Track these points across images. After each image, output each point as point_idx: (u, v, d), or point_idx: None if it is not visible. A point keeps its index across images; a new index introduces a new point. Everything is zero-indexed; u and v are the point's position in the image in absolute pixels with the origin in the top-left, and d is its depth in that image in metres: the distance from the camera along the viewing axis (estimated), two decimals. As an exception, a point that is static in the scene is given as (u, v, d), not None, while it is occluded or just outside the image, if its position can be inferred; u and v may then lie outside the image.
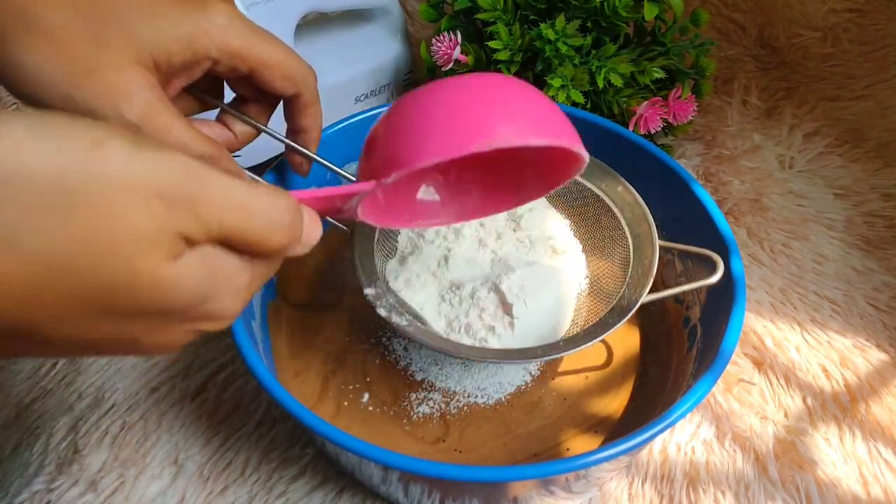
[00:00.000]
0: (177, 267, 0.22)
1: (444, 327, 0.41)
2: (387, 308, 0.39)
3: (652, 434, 0.33)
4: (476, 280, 0.42)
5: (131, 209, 0.20)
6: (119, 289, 0.21)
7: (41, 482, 0.43)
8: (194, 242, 0.22)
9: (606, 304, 0.41)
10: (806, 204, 0.61)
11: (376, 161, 0.30)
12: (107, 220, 0.20)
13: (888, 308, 0.54)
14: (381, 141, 0.30)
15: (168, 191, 0.21)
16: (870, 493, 0.44)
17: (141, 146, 0.21)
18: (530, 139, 0.29)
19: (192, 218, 0.22)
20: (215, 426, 0.46)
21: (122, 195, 0.20)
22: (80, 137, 0.20)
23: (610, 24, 0.55)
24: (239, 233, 0.23)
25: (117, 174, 0.20)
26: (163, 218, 0.21)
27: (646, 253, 0.41)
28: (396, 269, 0.43)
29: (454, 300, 0.42)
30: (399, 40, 0.65)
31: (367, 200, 0.30)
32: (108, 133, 0.21)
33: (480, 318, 0.41)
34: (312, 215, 0.27)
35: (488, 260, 0.43)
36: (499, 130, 0.28)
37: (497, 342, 0.40)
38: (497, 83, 0.31)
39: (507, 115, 0.29)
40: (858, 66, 0.72)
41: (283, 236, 0.24)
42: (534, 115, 0.30)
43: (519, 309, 0.41)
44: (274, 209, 0.24)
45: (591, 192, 0.44)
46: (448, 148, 0.28)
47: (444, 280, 0.43)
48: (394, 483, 0.38)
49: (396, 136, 0.30)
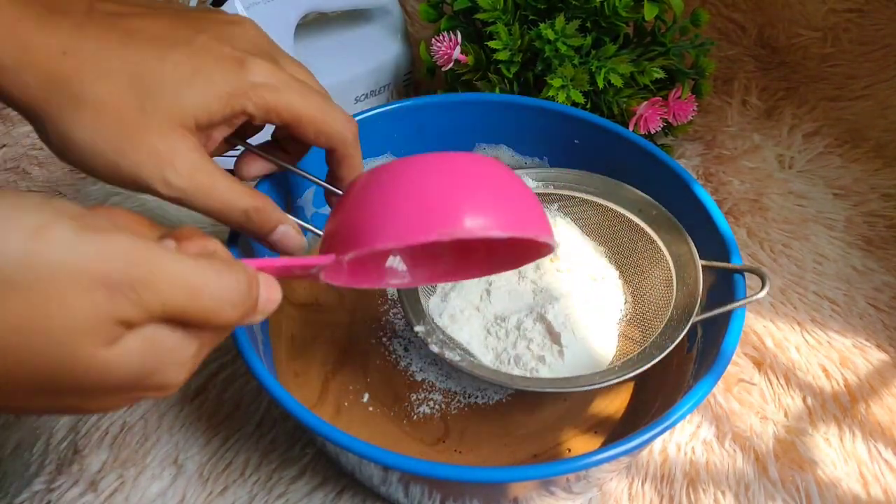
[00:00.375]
0: (114, 350, 0.22)
1: (492, 360, 0.42)
2: (438, 344, 0.40)
3: (652, 435, 0.33)
4: (521, 311, 0.43)
5: (70, 297, 0.21)
6: (57, 373, 0.21)
7: (41, 482, 0.43)
8: (135, 325, 0.22)
9: (653, 328, 0.42)
10: (806, 204, 0.61)
11: (338, 235, 0.30)
12: (44, 308, 0.20)
13: (888, 308, 0.54)
14: (344, 216, 0.30)
15: (109, 276, 0.21)
16: (870, 493, 0.44)
17: (84, 231, 0.21)
18: (493, 231, 0.29)
19: (133, 302, 0.22)
20: (215, 426, 0.46)
21: (61, 283, 0.20)
22: (23, 225, 0.20)
23: (610, 24, 0.55)
24: (185, 312, 0.23)
25: (58, 261, 0.20)
26: (102, 305, 0.21)
27: (689, 274, 0.41)
28: (440, 306, 0.43)
29: (500, 333, 0.42)
30: (399, 40, 0.65)
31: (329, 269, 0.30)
32: (52, 218, 0.21)
33: (529, 348, 0.41)
34: (271, 283, 0.27)
35: (530, 291, 0.44)
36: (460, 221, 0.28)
37: (548, 371, 0.41)
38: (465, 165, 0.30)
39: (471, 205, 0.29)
40: (858, 66, 0.72)
41: (232, 314, 0.24)
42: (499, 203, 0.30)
43: (567, 337, 0.41)
44: (223, 289, 0.24)
45: (625, 217, 0.45)
46: (408, 234, 0.28)
47: (488, 313, 0.43)
48: (394, 483, 0.38)
49: (358, 214, 0.30)
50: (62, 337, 0.21)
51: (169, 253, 0.23)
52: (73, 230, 0.21)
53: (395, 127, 0.45)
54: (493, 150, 0.53)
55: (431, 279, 0.37)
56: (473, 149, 0.53)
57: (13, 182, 0.64)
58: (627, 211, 0.45)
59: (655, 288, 0.43)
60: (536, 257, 0.35)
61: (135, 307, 0.22)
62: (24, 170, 0.64)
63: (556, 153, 0.51)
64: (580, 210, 0.47)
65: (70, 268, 0.21)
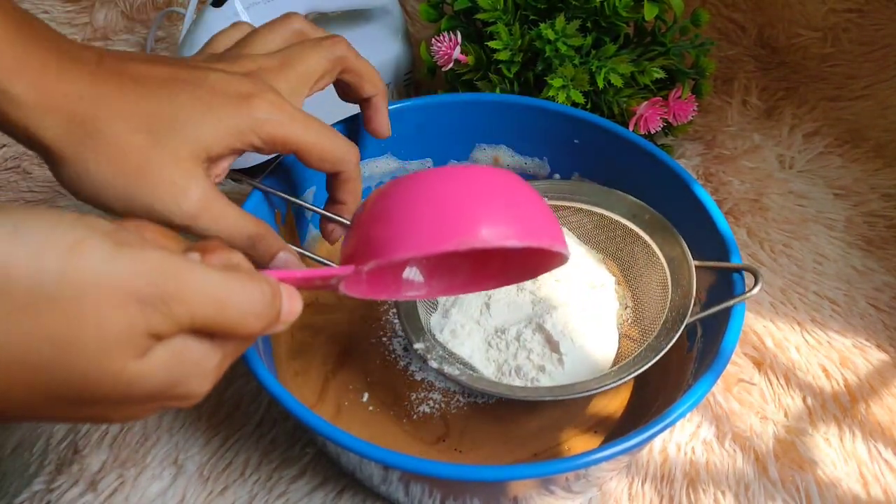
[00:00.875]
0: (144, 363, 0.23)
1: (494, 372, 0.42)
2: (438, 360, 0.41)
3: (652, 434, 0.33)
4: (520, 322, 0.43)
5: (104, 311, 0.21)
6: (87, 385, 0.22)
7: (41, 482, 0.43)
8: (164, 337, 0.23)
9: (650, 330, 0.42)
10: (806, 204, 0.61)
11: (357, 246, 0.31)
12: (78, 321, 0.21)
13: (888, 308, 0.54)
14: (363, 228, 0.31)
15: (142, 291, 0.22)
16: (870, 493, 0.44)
17: (118, 247, 0.22)
18: (509, 241, 0.29)
19: (164, 315, 0.23)
20: (215, 426, 0.46)
21: (96, 298, 0.21)
22: (59, 241, 0.21)
23: (610, 24, 0.55)
24: (212, 324, 0.24)
25: (93, 277, 0.21)
26: (135, 319, 0.22)
27: (683, 275, 0.42)
28: (440, 322, 0.43)
29: (501, 345, 0.42)
30: (399, 40, 0.65)
31: (348, 280, 0.31)
32: (87, 234, 0.22)
33: (529, 358, 0.42)
34: (292, 294, 0.28)
35: (528, 301, 0.44)
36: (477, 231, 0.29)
37: (548, 380, 0.41)
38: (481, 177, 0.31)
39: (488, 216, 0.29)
40: (858, 66, 0.72)
41: (257, 324, 0.25)
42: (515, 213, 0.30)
43: (566, 345, 0.41)
44: (249, 301, 0.25)
45: (619, 223, 0.45)
46: (426, 244, 0.29)
47: (488, 326, 0.43)
48: (394, 483, 0.38)
49: (377, 226, 0.30)
50: (95, 349, 0.22)
51: (196, 266, 0.24)
52: (107, 246, 0.22)
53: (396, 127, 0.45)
54: (493, 150, 0.53)
55: (448, 291, 0.38)
56: (473, 149, 0.53)
57: (14, 182, 0.64)
58: (621, 217, 0.45)
59: (652, 291, 0.44)
60: (550, 268, 0.36)
61: (166, 320, 0.23)
62: (24, 170, 0.64)
63: (556, 153, 0.51)
64: (576, 219, 0.47)
65: (104, 283, 0.21)
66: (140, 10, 0.78)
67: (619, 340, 0.44)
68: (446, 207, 0.30)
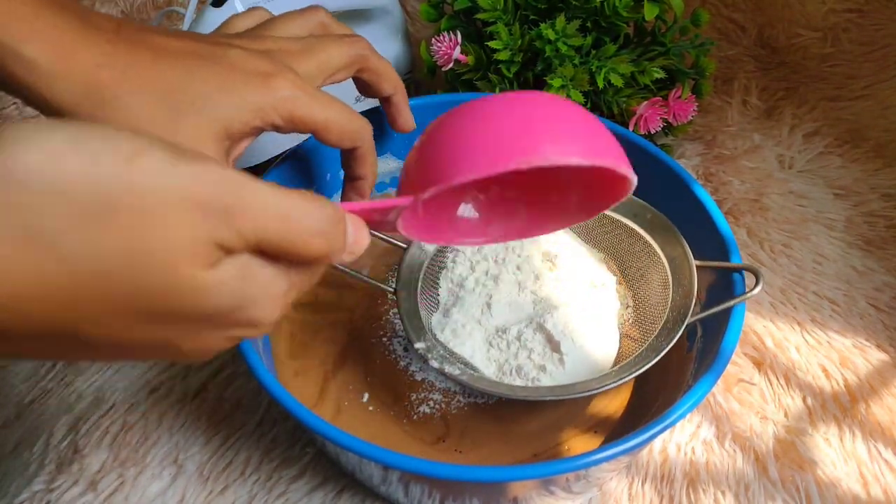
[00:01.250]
0: (214, 274, 0.22)
1: (495, 372, 0.42)
2: (439, 360, 0.40)
3: (652, 434, 0.33)
4: (521, 322, 0.43)
5: (168, 219, 0.21)
6: (158, 294, 0.22)
7: (41, 482, 0.43)
8: (231, 251, 0.23)
9: (651, 330, 0.42)
10: (806, 204, 0.61)
11: (415, 177, 0.30)
12: (144, 229, 0.21)
13: (888, 308, 0.54)
14: (420, 157, 0.30)
15: (204, 200, 0.22)
16: (870, 493, 0.44)
17: (178, 157, 0.22)
18: (572, 158, 0.28)
19: (229, 227, 0.22)
20: (215, 426, 0.46)
21: (159, 205, 0.21)
22: (117, 149, 0.21)
23: (610, 24, 0.55)
24: (276, 241, 0.23)
25: (154, 185, 0.21)
26: (200, 227, 0.22)
27: (684, 275, 0.41)
28: (442, 322, 0.43)
29: (502, 345, 0.42)
30: (399, 40, 0.65)
31: (406, 215, 0.30)
32: (147, 145, 0.21)
33: (530, 358, 0.41)
34: (359, 224, 0.27)
35: (530, 301, 0.44)
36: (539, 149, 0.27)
37: (549, 380, 0.41)
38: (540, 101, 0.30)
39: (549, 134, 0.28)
40: (858, 66, 0.72)
41: (321, 244, 0.25)
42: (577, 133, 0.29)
43: (567, 345, 0.41)
44: (311, 217, 0.24)
45: (620, 223, 0.45)
46: (485, 165, 0.27)
47: (489, 326, 0.43)
48: (394, 483, 0.38)
49: (434, 153, 0.29)
50: (164, 257, 0.21)
51: (259, 182, 0.23)
52: (167, 156, 0.21)
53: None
54: (494, 150, 0.53)
55: (506, 236, 0.36)
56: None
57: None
58: (623, 216, 0.45)
59: (654, 290, 0.44)
60: (610, 203, 0.34)
61: (231, 231, 0.22)
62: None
63: (556, 153, 0.51)
64: None
65: (168, 191, 0.21)
66: (140, 10, 0.78)
67: (620, 340, 0.44)
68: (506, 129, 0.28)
